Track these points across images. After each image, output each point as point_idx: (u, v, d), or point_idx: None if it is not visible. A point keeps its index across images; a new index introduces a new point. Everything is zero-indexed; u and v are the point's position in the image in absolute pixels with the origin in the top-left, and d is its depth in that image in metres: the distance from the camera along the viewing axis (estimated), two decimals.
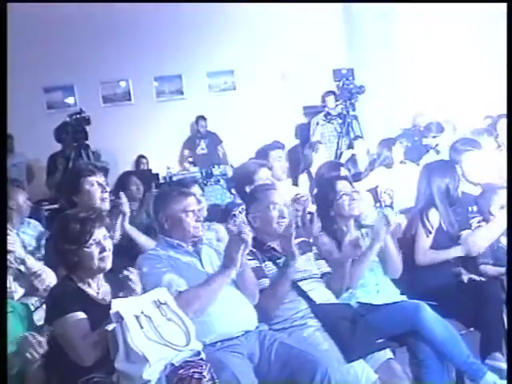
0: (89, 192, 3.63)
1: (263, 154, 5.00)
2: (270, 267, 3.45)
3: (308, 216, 4.11)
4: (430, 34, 8.29)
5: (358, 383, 3.06)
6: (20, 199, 4.32)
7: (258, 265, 3.39)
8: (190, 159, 9.83)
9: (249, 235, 3.06)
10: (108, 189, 3.70)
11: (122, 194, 3.69)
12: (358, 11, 9.48)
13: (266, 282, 3.35)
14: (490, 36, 7.17)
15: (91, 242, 2.86)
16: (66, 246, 2.86)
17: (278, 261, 3.46)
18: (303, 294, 3.40)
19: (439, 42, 8.27)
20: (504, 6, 5.02)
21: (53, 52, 8.95)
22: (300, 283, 3.42)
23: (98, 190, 3.64)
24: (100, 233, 2.90)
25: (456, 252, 3.90)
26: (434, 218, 3.90)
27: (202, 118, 9.80)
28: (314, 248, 3.68)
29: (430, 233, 3.89)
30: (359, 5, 9.34)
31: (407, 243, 3.93)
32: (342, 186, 3.81)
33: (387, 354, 3.26)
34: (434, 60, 8.38)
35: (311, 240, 3.75)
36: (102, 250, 2.88)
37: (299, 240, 3.62)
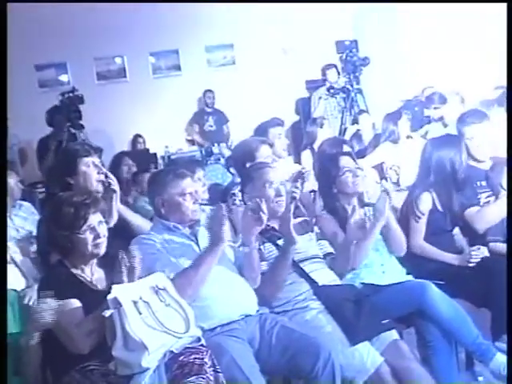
0: (85, 173, 3.53)
1: (262, 131, 4.90)
2: (269, 249, 3.35)
3: (311, 194, 4.01)
4: (435, 4, 8.07)
5: (364, 366, 2.98)
6: (11, 182, 4.20)
7: (257, 247, 3.27)
8: (189, 137, 9.72)
9: (265, 213, 3.01)
10: (104, 170, 3.59)
11: (108, 173, 3.57)
12: None
13: (264, 265, 3.26)
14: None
15: (85, 228, 2.77)
16: (58, 232, 2.78)
17: (278, 241, 3.36)
18: (305, 276, 3.31)
19: (446, 11, 8.04)
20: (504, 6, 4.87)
21: (44, 28, 8.77)
22: (302, 264, 3.33)
23: (94, 171, 3.54)
24: (95, 218, 2.81)
25: (452, 259, 3.76)
26: (426, 202, 3.81)
27: (209, 90, 9.62)
28: (315, 228, 3.57)
29: (420, 218, 3.79)
30: None
31: (406, 223, 3.83)
32: (345, 161, 3.70)
33: (393, 335, 3.17)
34: (440, 29, 8.14)
35: (313, 219, 3.64)
36: (97, 236, 2.79)
37: (300, 219, 3.53)
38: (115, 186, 3.50)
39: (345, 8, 9.72)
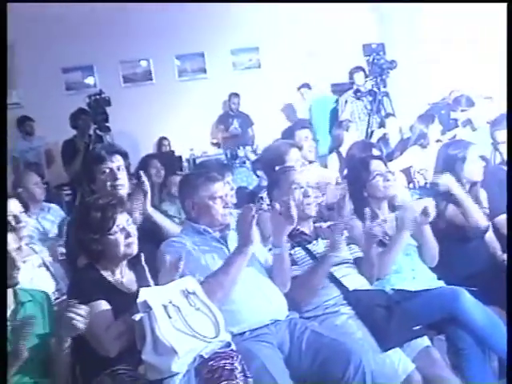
0: (100, 180, 3.47)
1: (289, 133, 4.85)
2: (300, 253, 3.32)
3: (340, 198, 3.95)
4: (464, 7, 7.97)
5: (395, 373, 2.93)
6: (30, 183, 4.18)
7: (288, 250, 3.24)
8: (215, 140, 9.71)
9: (294, 212, 2.96)
10: (120, 175, 3.47)
11: (142, 174, 3.51)
12: None
13: (296, 269, 3.23)
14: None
15: (115, 228, 2.77)
16: (88, 235, 2.78)
17: (308, 246, 3.35)
18: (335, 281, 3.27)
19: (474, 13, 7.95)
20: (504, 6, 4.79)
21: (71, 32, 8.80)
22: (332, 269, 3.28)
23: (108, 177, 3.45)
24: (123, 218, 2.81)
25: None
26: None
27: (235, 94, 9.62)
28: (345, 232, 3.52)
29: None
30: None
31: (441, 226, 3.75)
32: (375, 165, 3.67)
33: (425, 341, 3.13)
34: (467, 32, 8.07)
35: (343, 224, 3.59)
36: (127, 235, 2.80)
37: (331, 223, 3.51)
38: (146, 187, 3.46)
39: (371, 11, 9.65)
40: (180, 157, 8.55)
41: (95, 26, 8.91)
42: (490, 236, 3.86)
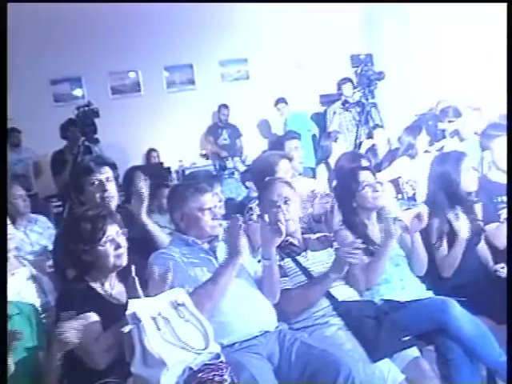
0: (89, 192, 3.51)
1: (278, 144, 4.85)
2: (289, 265, 3.32)
3: (329, 209, 3.96)
4: (450, 17, 8.03)
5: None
6: (15, 195, 4.15)
7: (278, 262, 3.25)
8: (203, 152, 9.70)
9: (283, 224, 2.98)
10: (108, 187, 3.52)
11: (142, 182, 3.53)
12: None
13: (286, 281, 3.24)
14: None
15: (105, 239, 2.77)
16: (78, 247, 2.77)
17: (297, 257, 3.34)
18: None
19: (462, 24, 8.00)
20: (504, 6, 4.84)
21: (59, 43, 8.81)
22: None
23: (97, 189, 3.49)
24: (113, 229, 2.81)
25: None
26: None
27: (225, 106, 9.66)
28: (334, 243, 3.53)
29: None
30: None
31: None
32: (364, 176, 3.68)
33: (414, 352, 3.13)
34: (457, 43, 8.12)
35: (332, 234, 3.61)
36: (117, 246, 2.80)
37: (319, 235, 3.54)
38: (144, 194, 3.49)
39: (359, 22, 9.71)
40: (169, 168, 8.55)
41: (83, 38, 8.91)
42: (482, 246, 3.87)
